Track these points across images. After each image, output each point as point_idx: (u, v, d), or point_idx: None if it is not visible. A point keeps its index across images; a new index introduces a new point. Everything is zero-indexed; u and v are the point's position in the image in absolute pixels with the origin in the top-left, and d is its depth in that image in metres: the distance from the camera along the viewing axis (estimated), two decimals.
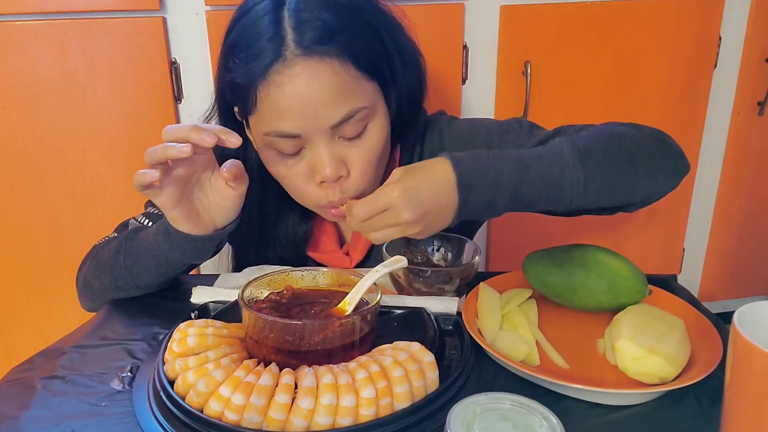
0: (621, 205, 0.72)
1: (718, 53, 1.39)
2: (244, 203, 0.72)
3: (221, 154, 0.70)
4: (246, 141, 0.81)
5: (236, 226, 0.74)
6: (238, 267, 0.94)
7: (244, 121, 0.78)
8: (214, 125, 0.63)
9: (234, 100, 0.75)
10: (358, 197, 0.76)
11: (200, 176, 0.70)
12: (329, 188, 0.74)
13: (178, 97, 1.24)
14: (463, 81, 1.31)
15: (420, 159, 0.86)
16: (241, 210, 0.73)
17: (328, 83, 0.68)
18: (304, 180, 0.75)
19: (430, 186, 0.62)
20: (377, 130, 0.74)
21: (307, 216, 0.87)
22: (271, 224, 0.87)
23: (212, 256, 0.78)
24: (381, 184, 0.83)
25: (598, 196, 0.67)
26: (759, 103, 1.43)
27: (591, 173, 0.66)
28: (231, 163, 0.67)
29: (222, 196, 0.70)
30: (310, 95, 0.68)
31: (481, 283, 0.73)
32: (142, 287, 0.77)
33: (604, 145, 0.68)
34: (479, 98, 1.33)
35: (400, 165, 0.85)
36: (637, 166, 0.70)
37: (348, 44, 0.69)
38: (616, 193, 0.69)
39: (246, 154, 0.82)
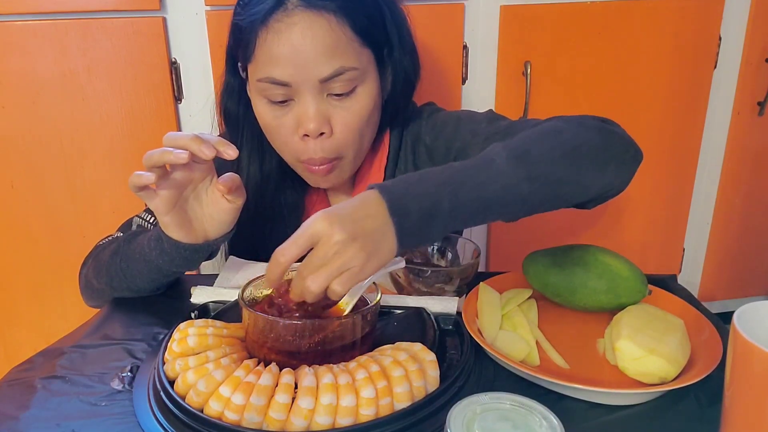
0: (576, 202, 0.68)
1: (718, 53, 1.38)
2: (242, 171, 0.73)
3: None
4: (248, 102, 0.83)
5: (229, 237, 0.74)
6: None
7: (246, 76, 0.80)
8: (213, 136, 0.63)
9: (236, 47, 0.79)
10: (337, 158, 0.78)
11: (197, 186, 0.70)
12: (310, 143, 0.77)
13: (178, 97, 1.24)
14: (463, 81, 1.31)
15: (405, 145, 0.89)
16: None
17: (321, 36, 0.72)
18: (289, 132, 0.77)
19: (353, 208, 0.56)
20: (365, 96, 0.77)
21: (300, 186, 0.89)
22: (269, 192, 0.88)
23: (206, 260, 0.78)
24: (364, 159, 0.85)
25: (544, 198, 0.62)
26: (759, 103, 1.43)
27: (530, 175, 0.60)
28: (228, 176, 0.69)
29: (217, 209, 0.70)
30: (304, 45, 0.71)
31: (481, 283, 0.73)
32: (136, 291, 0.78)
33: (541, 144, 0.64)
34: (479, 98, 1.33)
35: (390, 150, 0.87)
36: (580, 161, 0.64)
37: (347, 5, 0.73)
38: (562, 192, 0.64)
39: (246, 112, 0.84)
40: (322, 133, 0.76)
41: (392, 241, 0.56)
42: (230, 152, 0.62)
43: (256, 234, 0.89)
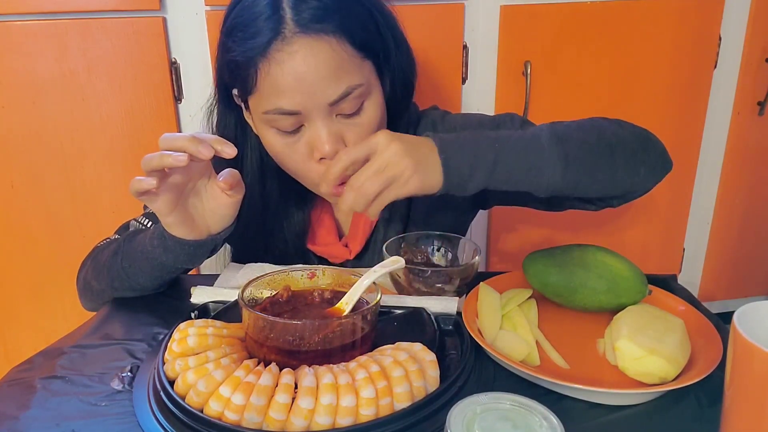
0: (602, 196, 0.74)
1: (718, 53, 1.39)
2: (243, 195, 0.72)
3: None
4: (245, 127, 0.83)
5: (231, 231, 0.75)
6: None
7: (243, 105, 0.79)
8: (210, 135, 0.63)
9: (233, 82, 0.77)
10: None
11: (196, 183, 0.70)
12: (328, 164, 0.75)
13: (178, 97, 1.24)
14: (463, 81, 1.31)
15: None
16: (241, 202, 0.73)
17: (325, 60, 0.70)
18: (304, 158, 0.76)
19: (411, 139, 0.66)
20: (373, 108, 0.76)
21: (305, 204, 0.88)
22: (270, 215, 0.87)
23: (209, 257, 0.78)
24: None
25: (577, 182, 0.69)
26: (759, 103, 1.43)
27: (569, 156, 0.68)
28: (227, 173, 0.68)
29: (217, 204, 0.71)
30: (308, 72, 0.70)
31: (481, 283, 0.73)
32: (138, 289, 0.78)
33: (584, 133, 0.71)
34: (479, 98, 1.33)
35: None
36: (616, 157, 0.72)
37: (344, 23, 0.71)
38: (595, 181, 0.71)
39: (245, 140, 0.83)
40: (337, 153, 0.74)
41: (439, 172, 0.65)
42: (228, 151, 0.62)
43: (262, 240, 0.89)
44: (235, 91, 0.79)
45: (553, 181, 0.68)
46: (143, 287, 0.77)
